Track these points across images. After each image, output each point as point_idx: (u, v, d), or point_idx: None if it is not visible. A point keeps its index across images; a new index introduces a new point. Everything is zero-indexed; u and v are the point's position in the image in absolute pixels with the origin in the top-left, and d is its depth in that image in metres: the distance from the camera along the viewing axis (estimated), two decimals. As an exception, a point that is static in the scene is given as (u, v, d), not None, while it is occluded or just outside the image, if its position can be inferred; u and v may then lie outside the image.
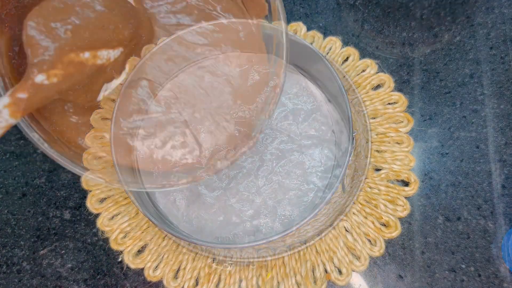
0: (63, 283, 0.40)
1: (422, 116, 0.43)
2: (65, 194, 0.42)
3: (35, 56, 0.20)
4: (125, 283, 0.40)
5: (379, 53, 0.45)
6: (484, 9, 0.46)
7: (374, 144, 0.42)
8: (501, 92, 0.44)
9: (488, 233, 0.40)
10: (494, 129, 0.43)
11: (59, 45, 0.21)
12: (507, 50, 0.45)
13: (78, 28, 0.21)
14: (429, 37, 0.45)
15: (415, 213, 0.41)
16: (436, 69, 0.45)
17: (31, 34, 0.20)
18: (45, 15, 0.21)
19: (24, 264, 0.40)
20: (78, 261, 0.40)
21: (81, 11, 0.22)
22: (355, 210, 0.41)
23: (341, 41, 0.45)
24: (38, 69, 0.20)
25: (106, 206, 0.41)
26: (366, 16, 0.46)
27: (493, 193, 0.41)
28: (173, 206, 0.40)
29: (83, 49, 0.21)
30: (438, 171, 0.42)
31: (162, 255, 0.40)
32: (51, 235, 0.41)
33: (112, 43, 0.23)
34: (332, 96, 0.42)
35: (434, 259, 0.40)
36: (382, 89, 0.44)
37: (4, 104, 0.20)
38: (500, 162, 0.42)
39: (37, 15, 0.21)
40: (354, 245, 0.40)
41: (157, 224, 0.34)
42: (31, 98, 0.20)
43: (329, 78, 0.39)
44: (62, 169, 0.42)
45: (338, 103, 0.41)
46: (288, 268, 0.39)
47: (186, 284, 0.39)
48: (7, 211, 0.41)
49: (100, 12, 0.22)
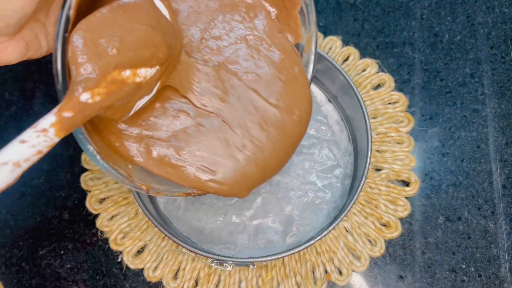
0: (62, 283, 0.40)
1: (422, 116, 0.43)
2: (64, 195, 0.42)
3: (79, 74, 0.20)
4: (124, 284, 0.40)
5: (379, 52, 0.45)
6: (485, 8, 0.46)
7: (375, 144, 0.42)
8: (502, 92, 0.44)
9: (489, 233, 0.40)
10: (495, 128, 0.43)
11: (104, 62, 0.20)
12: (508, 49, 0.45)
13: (123, 46, 0.21)
14: (429, 37, 0.45)
15: (415, 213, 0.41)
16: (437, 68, 0.44)
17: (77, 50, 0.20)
18: (93, 29, 0.20)
19: (23, 264, 0.40)
20: (77, 262, 0.40)
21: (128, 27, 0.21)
22: (356, 210, 0.41)
23: (341, 41, 0.45)
24: (83, 87, 0.20)
25: (105, 207, 0.40)
26: (366, 15, 0.46)
27: (494, 193, 0.41)
28: (173, 206, 0.40)
29: (125, 67, 0.21)
30: (438, 171, 0.42)
31: (161, 255, 0.40)
32: (50, 235, 0.41)
33: (152, 62, 0.22)
34: (333, 96, 0.42)
35: (435, 259, 0.40)
36: (383, 89, 0.43)
37: (51, 122, 0.20)
38: (501, 162, 0.42)
39: (84, 29, 0.20)
40: (354, 245, 0.39)
41: (157, 226, 0.34)
42: (75, 116, 0.20)
43: (332, 76, 0.39)
44: (61, 169, 0.42)
45: (342, 100, 0.41)
46: (288, 269, 0.39)
47: (186, 284, 0.39)
48: (5, 212, 0.41)
49: (146, 30, 0.22)
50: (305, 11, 0.28)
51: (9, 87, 0.45)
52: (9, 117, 0.44)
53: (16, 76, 0.45)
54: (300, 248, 0.33)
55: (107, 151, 0.26)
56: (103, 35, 0.21)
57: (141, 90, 0.23)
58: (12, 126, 0.44)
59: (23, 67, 0.45)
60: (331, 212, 0.40)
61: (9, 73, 0.45)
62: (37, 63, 0.45)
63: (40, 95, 0.44)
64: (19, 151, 0.19)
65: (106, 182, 0.41)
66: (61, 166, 0.42)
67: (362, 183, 0.34)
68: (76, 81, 0.20)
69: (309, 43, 0.30)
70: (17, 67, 0.45)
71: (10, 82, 0.45)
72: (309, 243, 0.33)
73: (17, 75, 0.45)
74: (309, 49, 0.30)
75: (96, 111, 0.21)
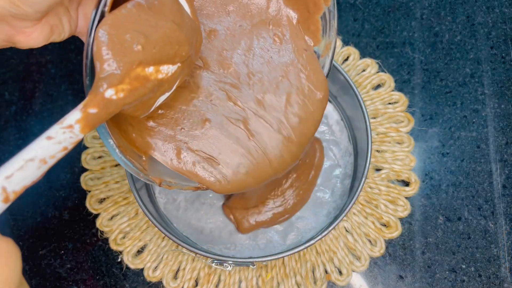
0: (62, 283, 0.40)
1: (422, 116, 0.43)
2: (64, 195, 0.42)
3: (104, 70, 0.20)
4: (124, 284, 0.40)
5: (379, 52, 0.45)
6: (485, 8, 0.46)
7: (375, 144, 0.42)
8: (502, 92, 0.44)
9: (489, 233, 0.40)
10: (495, 128, 0.43)
11: (129, 59, 0.20)
12: (508, 49, 0.45)
13: (148, 42, 0.21)
14: (429, 37, 0.45)
15: (415, 213, 0.41)
16: (437, 68, 0.44)
17: (103, 46, 0.20)
18: (118, 25, 0.20)
19: (23, 264, 0.40)
20: (77, 262, 0.40)
21: (153, 24, 0.21)
22: (356, 210, 0.41)
23: (341, 41, 0.45)
24: (108, 83, 0.20)
25: (105, 207, 0.40)
26: (366, 15, 0.46)
27: (494, 193, 0.41)
28: (173, 206, 0.40)
29: (149, 64, 0.21)
30: (438, 171, 0.42)
31: (161, 255, 0.40)
32: (50, 235, 0.41)
33: (175, 59, 0.22)
34: (333, 96, 0.42)
35: (435, 259, 0.40)
36: (383, 89, 0.43)
37: (76, 119, 0.20)
38: (501, 162, 0.42)
39: (110, 24, 0.20)
40: (354, 245, 0.39)
41: (157, 226, 0.34)
42: (100, 113, 0.20)
43: (332, 76, 0.39)
44: (61, 169, 0.42)
45: (342, 100, 0.41)
46: (288, 269, 0.39)
47: (186, 284, 0.39)
48: (5, 212, 0.41)
49: (171, 27, 0.22)
50: (327, 17, 0.29)
51: (9, 87, 0.45)
52: (9, 117, 0.44)
53: (16, 76, 0.45)
54: (300, 248, 0.33)
55: (123, 142, 0.26)
56: (128, 31, 0.20)
57: (163, 87, 0.23)
58: (12, 126, 0.44)
59: (23, 67, 0.45)
60: (331, 212, 0.40)
61: (9, 73, 0.45)
62: (37, 64, 0.45)
63: (40, 95, 0.44)
64: (46, 148, 0.19)
65: (106, 182, 0.41)
66: (61, 166, 0.42)
67: (362, 183, 0.34)
68: (101, 77, 0.20)
69: (328, 49, 0.30)
70: (17, 67, 0.45)
71: (10, 82, 0.45)
72: (309, 243, 0.33)
73: (17, 75, 0.45)
74: (327, 54, 0.30)
75: (120, 107, 0.21)
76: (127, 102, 0.21)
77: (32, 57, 0.45)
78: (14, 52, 0.45)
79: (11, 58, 0.45)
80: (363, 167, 0.35)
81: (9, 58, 0.45)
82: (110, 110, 0.20)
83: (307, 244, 0.33)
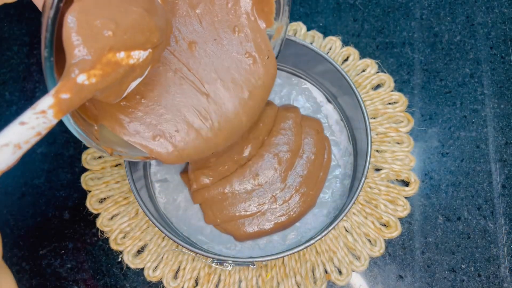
0: (63, 283, 0.40)
1: (422, 116, 0.43)
2: (65, 194, 0.42)
3: (75, 56, 0.20)
4: (124, 284, 0.40)
5: (379, 52, 0.45)
6: (484, 8, 0.46)
7: (374, 144, 0.42)
8: (501, 92, 0.44)
9: (489, 233, 0.40)
10: (494, 128, 0.43)
11: (100, 44, 0.20)
12: (507, 49, 0.45)
13: (119, 28, 0.21)
14: (429, 37, 0.45)
15: (415, 213, 0.41)
16: (437, 68, 0.45)
17: (72, 32, 0.20)
18: (87, 11, 0.20)
19: (24, 264, 0.40)
20: (78, 262, 0.40)
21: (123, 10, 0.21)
22: (355, 210, 0.41)
23: (341, 41, 0.45)
24: (79, 69, 0.20)
25: (105, 206, 0.40)
26: (366, 15, 0.46)
27: (493, 193, 0.41)
28: (173, 206, 0.40)
29: (120, 50, 0.21)
30: (438, 171, 0.42)
31: (161, 255, 0.40)
32: (51, 235, 0.41)
33: (146, 45, 0.23)
34: (332, 96, 0.42)
35: (434, 259, 0.40)
36: (382, 89, 0.43)
37: (49, 104, 0.20)
38: (501, 162, 0.42)
39: (79, 10, 0.20)
40: (354, 245, 0.39)
41: (158, 225, 0.34)
42: (73, 98, 0.20)
43: (332, 77, 0.39)
44: (61, 169, 0.42)
45: (342, 100, 0.41)
46: (288, 269, 0.39)
47: (186, 284, 0.39)
48: (6, 212, 0.41)
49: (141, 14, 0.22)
50: (282, 1, 0.29)
51: (10, 87, 0.45)
52: (10, 117, 0.44)
53: (17, 76, 0.45)
54: (300, 248, 0.33)
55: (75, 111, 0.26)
56: (98, 17, 0.20)
57: (134, 72, 0.23)
58: (12, 126, 0.44)
59: (23, 67, 0.45)
60: (331, 212, 0.40)
61: (9, 73, 0.45)
62: (38, 64, 0.45)
63: (40, 95, 0.44)
64: (20, 133, 0.19)
65: (106, 182, 0.41)
66: (62, 166, 0.42)
67: (362, 183, 0.35)
68: (72, 63, 0.20)
69: (279, 33, 0.31)
70: (18, 67, 0.45)
71: (10, 82, 0.45)
72: (309, 243, 0.33)
73: (17, 75, 0.45)
74: (278, 37, 0.31)
75: (92, 92, 0.21)
76: (99, 87, 0.21)
77: (33, 57, 0.45)
78: (15, 53, 0.45)
79: (12, 58, 0.45)
80: (362, 167, 0.35)
81: (9, 58, 0.45)
82: (82, 95, 0.20)
83: (307, 244, 0.33)
